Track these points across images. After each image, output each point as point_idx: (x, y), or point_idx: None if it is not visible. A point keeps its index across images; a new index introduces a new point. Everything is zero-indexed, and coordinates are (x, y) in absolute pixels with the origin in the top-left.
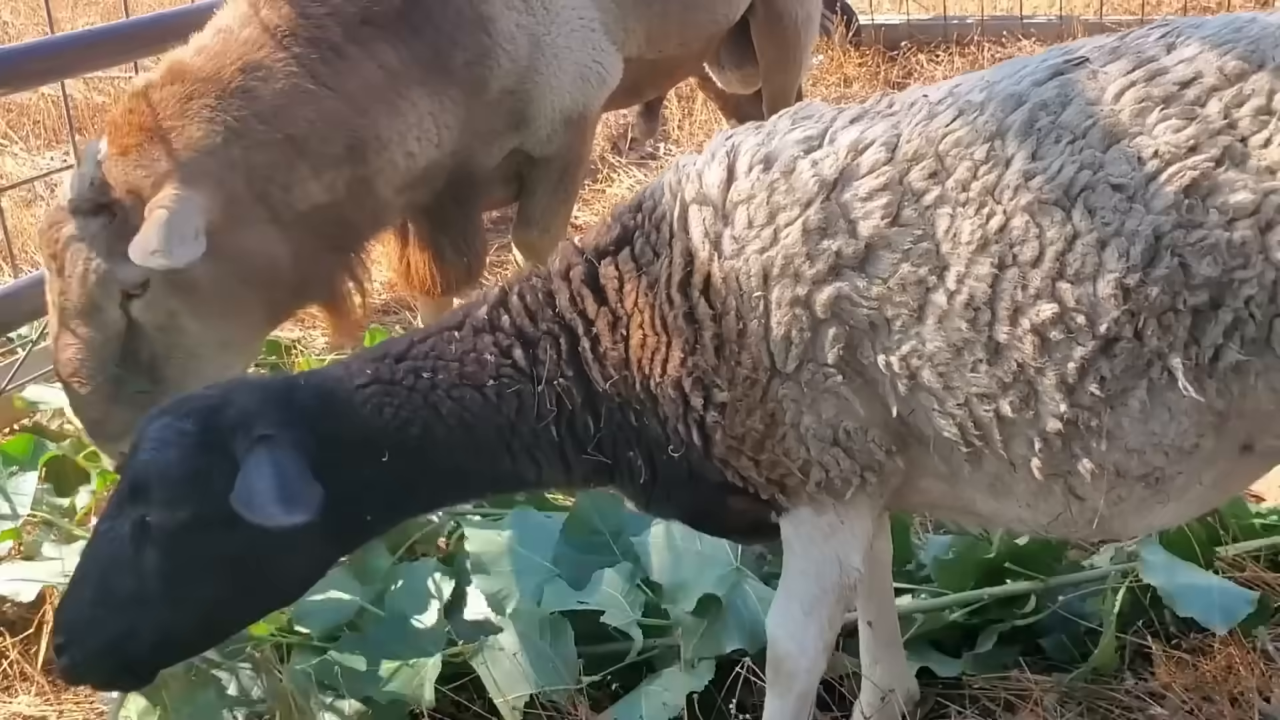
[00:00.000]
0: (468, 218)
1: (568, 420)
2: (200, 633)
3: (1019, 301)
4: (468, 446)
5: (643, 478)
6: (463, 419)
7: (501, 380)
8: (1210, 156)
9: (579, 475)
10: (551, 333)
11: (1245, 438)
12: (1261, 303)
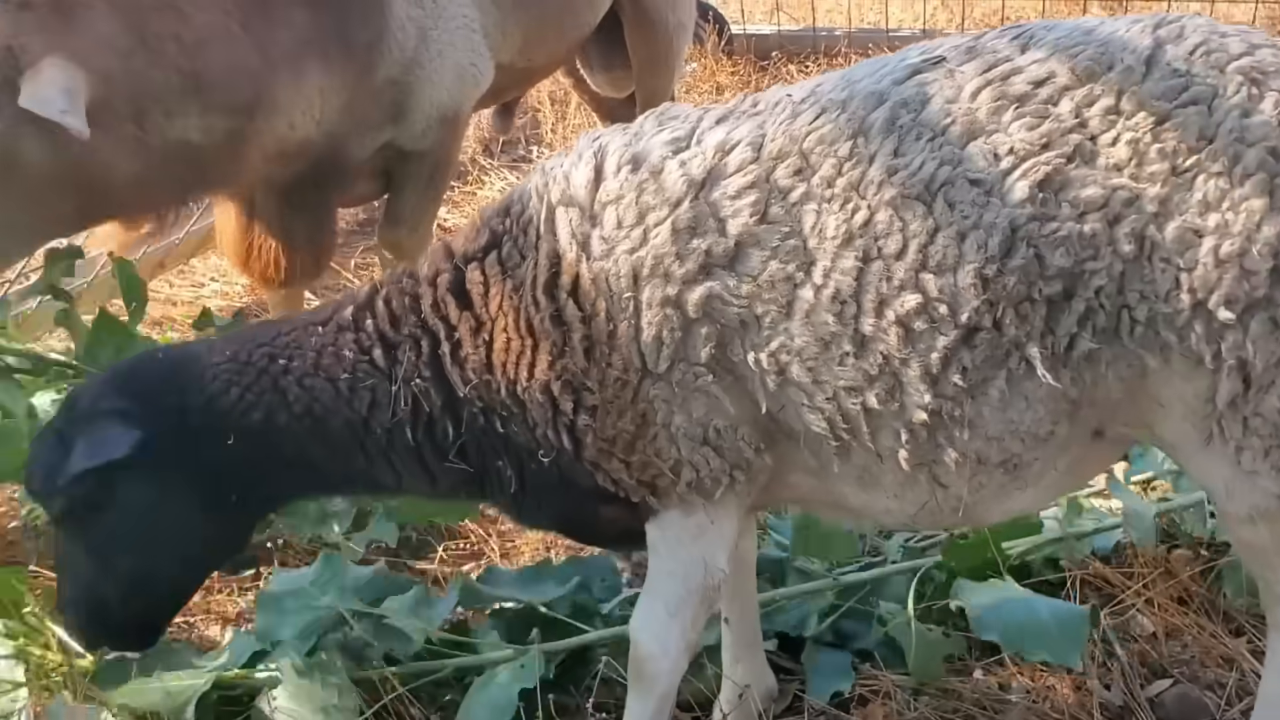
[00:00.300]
0: (324, 206)
1: (425, 424)
2: (157, 598)
3: (884, 294)
4: (316, 438)
5: (513, 487)
6: (310, 409)
7: (356, 375)
8: (1062, 153)
9: (445, 484)
10: (413, 336)
11: (1097, 424)
12: (1110, 293)
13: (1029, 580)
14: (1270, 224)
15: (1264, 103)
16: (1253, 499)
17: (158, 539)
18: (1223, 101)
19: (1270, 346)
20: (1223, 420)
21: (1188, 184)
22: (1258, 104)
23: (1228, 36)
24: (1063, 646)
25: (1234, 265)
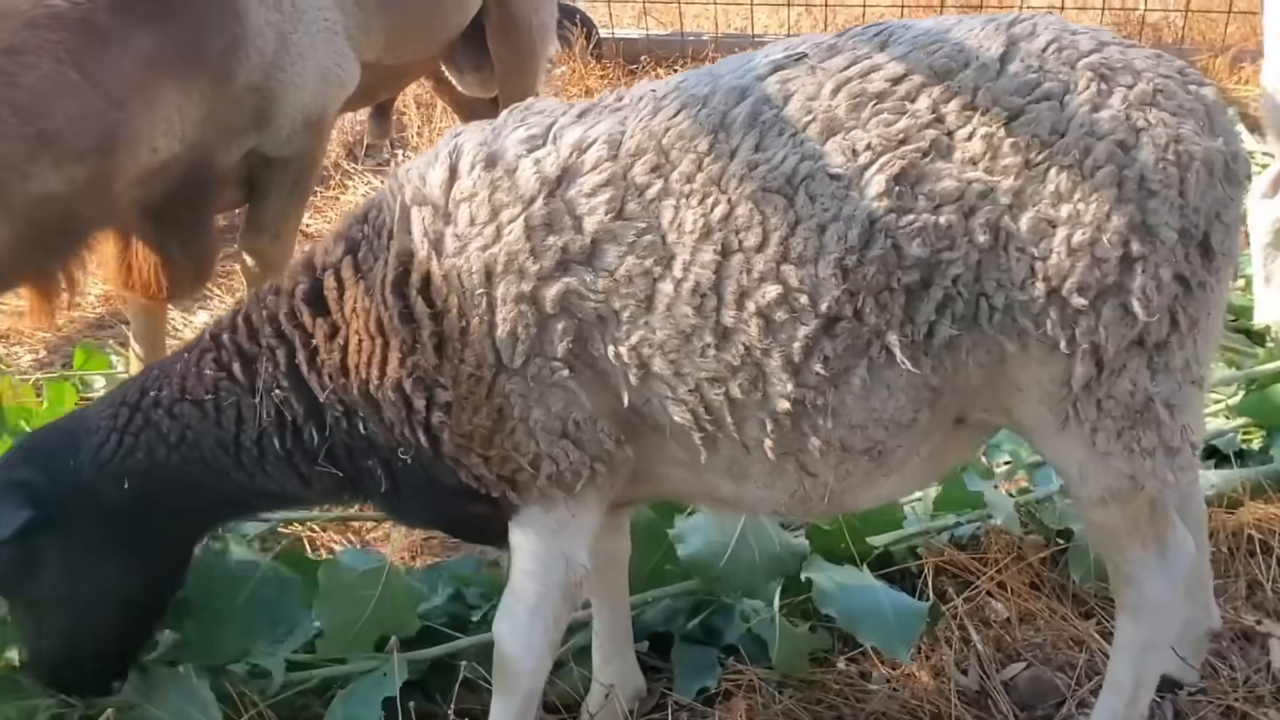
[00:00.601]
0: (199, 219)
1: (292, 432)
2: (109, 643)
3: (744, 285)
4: (197, 463)
5: (384, 487)
6: (184, 436)
7: (219, 394)
8: (918, 148)
9: (320, 489)
10: (270, 347)
11: (958, 411)
12: (968, 282)
13: (890, 568)
14: (1119, 214)
15: (1112, 98)
16: (1106, 480)
17: (93, 590)
18: (1073, 97)
19: (1121, 331)
20: (1078, 403)
21: (1040, 176)
22: (1106, 99)
23: (1078, 34)
24: (896, 637)
25: (1086, 254)
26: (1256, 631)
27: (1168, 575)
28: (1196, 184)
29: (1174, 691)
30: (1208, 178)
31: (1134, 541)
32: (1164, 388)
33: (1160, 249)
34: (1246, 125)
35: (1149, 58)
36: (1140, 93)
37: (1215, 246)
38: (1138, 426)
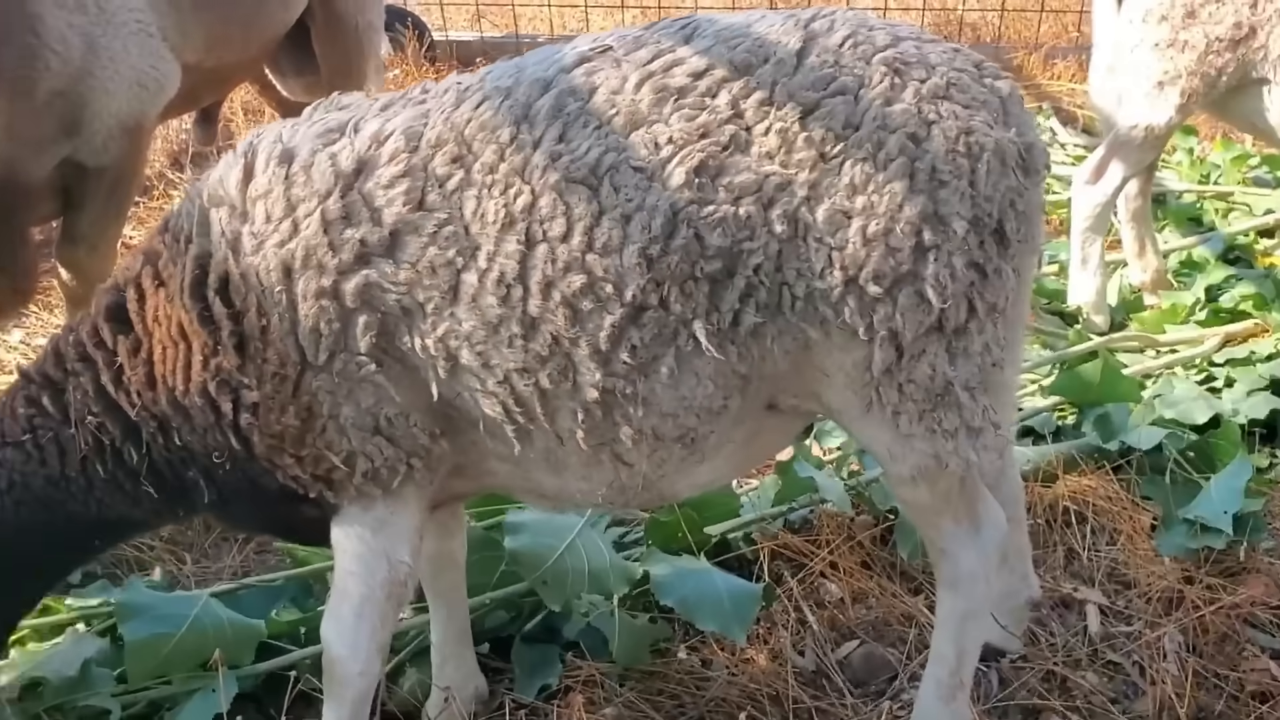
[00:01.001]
0: (14, 234)
1: (112, 454)
2: None
3: (549, 275)
4: (33, 504)
5: (208, 497)
6: (13, 481)
7: (36, 431)
8: (717, 142)
9: (151, 508)
10: (75, 373)
11: (769, 397)
12: (769, 271)
13: (727, 555)
14: (911, 204)
15: (905, 92)
16: (912, 460)
17: None
18: (868, 91)
19: (918, 318)
20: (880, 388)
21: (836, 169)
22: (900, 93)
23: (875, 30)
24: (732, 621)
25: (880, 243)
26: (1074, 598)
27: (980, 548)
28: (988, 174)
29: (998, 659)
30: (1000, 168)
31: (946, 517)
32: (963, 371)
33: (952, 238)
34: (1060, 119)
35: (945, 52)
36: (933, 86)
37: (1010, 234)
38: (939, 409)
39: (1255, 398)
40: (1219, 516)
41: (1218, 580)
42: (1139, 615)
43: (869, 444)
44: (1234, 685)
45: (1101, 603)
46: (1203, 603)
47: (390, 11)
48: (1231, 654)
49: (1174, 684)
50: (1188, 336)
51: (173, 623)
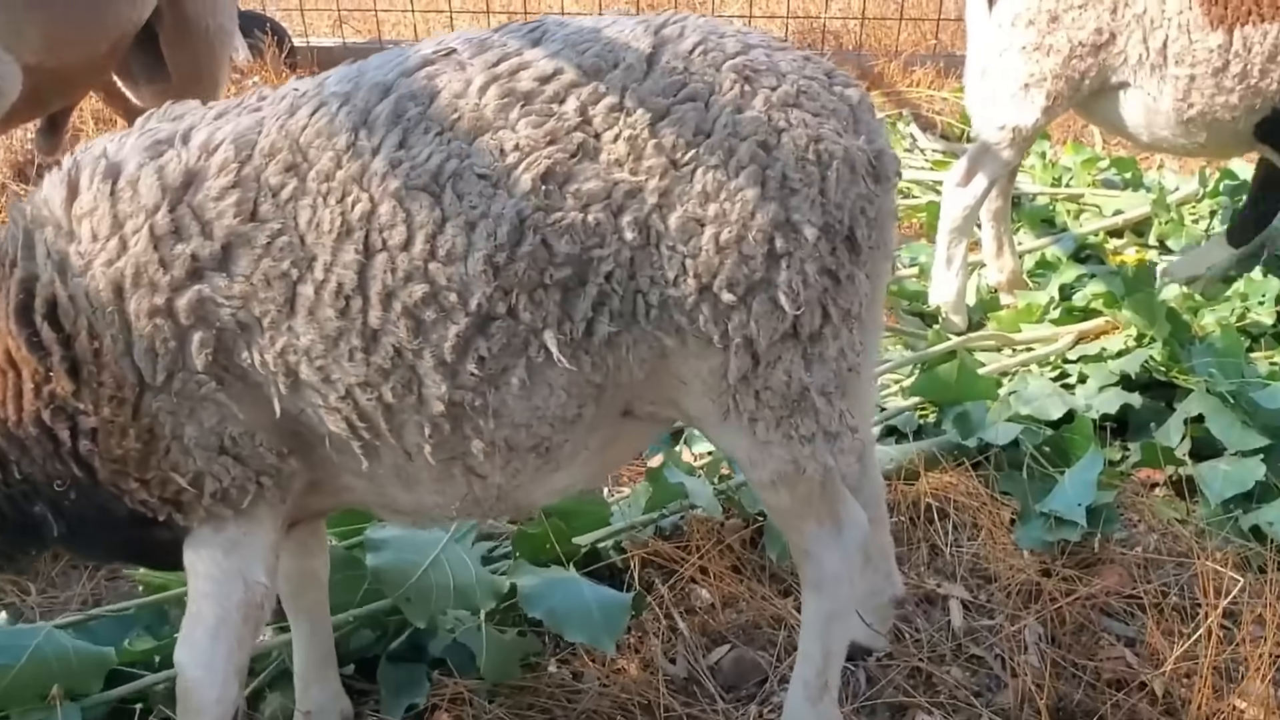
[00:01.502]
0: None
1: None
2: None
3: (390, 285)
4: None
5: (58, 529)
6: None
7: None
8: (565, 148)
9: (4, 542)
10: None
11: (624, 404)
12: (622, 279)
13: (597, 564)
14: (763, 212)
15: (755, 99)
16: (771, 466)
17: None
18: (718, 98)
19: (772, 324)
20: (736, 395)
21: (688, 176)
22: (750, 100)
23: (725, 36)
24: (602, 631)
25: (733, 251)
26: (938, 594)
27: (843, 549)
28: (838, 181)
29: (864, 658)
30: (850, 175)
31: (808, 520)
32: (819, 377)
33: (804, 244)
34: (919, 125)
35: (795, 60)
36: (783, 94)
37: (861, 241)
38: (796, 415)
39: (1107, 393)
40: (1073, 509)
41: (1074, 572)
42: (1000, 608)
43: (729, 451)
44: (1091, 674)
45: (964, 598)
46: (1060, 594)
47: (248, 17)
48: (1088, 643)
49: (1034, 675)
50: (1042, 335)
51: (10, 654)
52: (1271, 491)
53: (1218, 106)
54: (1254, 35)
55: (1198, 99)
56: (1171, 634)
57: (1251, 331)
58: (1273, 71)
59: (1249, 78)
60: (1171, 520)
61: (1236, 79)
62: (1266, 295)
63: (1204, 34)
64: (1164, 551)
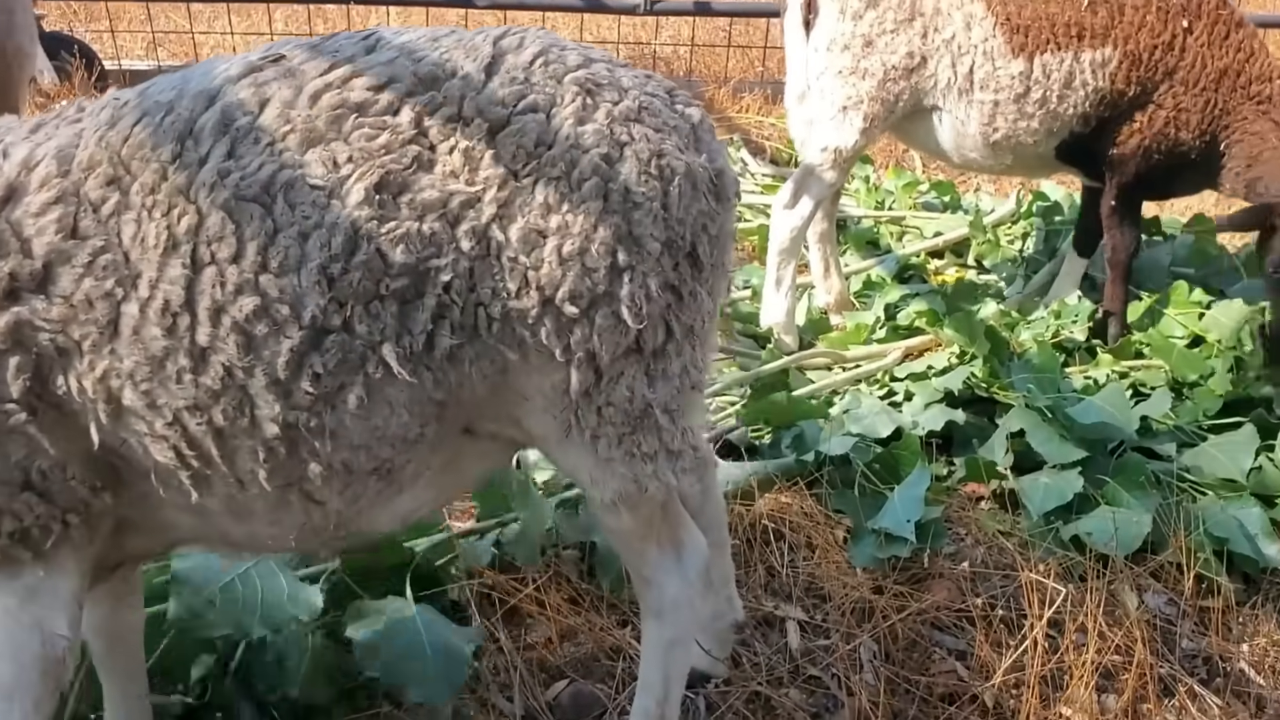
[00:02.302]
0: None
1: None
2: None
3: (219, 300)
4: None
5: None
6: None
7: None
8: (399, 159)
9: None
10: None
11: (466, 422)
12: (462, 290)
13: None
14: (605, 225)
15: (598, 113)
16: (613, 485)
17: None
18: (560, 110)
19: (615, 339)
20: (579, 411)
21: (529, 188)
22: (592, 113)
23: (566, 49)
24: (440, 684)
25: (576, 263)
26: (775, 616)
27: (684, 574)
28: (680, 197)
29: (704, 685)
30: (691, 191)
31: (649, 543)
32: (662, 393)
33: (647, 259)
34: (750, 150)
35: (636, 76)
36: (625, 109)
37: (703, 258)
38: (638, 432)
39: (932, 409)
40: (903, 525)
41: (906, 588)
42: (836, 628)
43: (571, 470)
44: (925, 689)
45: (801, 619)
46: (893, 611)
47: (55, 38)
48: (921, 659)
49: (870, 693)
50: (870, 353)
51: None
52: (1089, 502)
53: (1021, 130)
54: (1052, 62)
55: (1002, 123)
56: (1000, 646)
57: (1066, 346)
58: (1069, 97)
59: (1048, 103)
60: (997, 533)
61: (1037, 104)
62: (1079, 314)
63: (1007, 61)
64: (991, 564)
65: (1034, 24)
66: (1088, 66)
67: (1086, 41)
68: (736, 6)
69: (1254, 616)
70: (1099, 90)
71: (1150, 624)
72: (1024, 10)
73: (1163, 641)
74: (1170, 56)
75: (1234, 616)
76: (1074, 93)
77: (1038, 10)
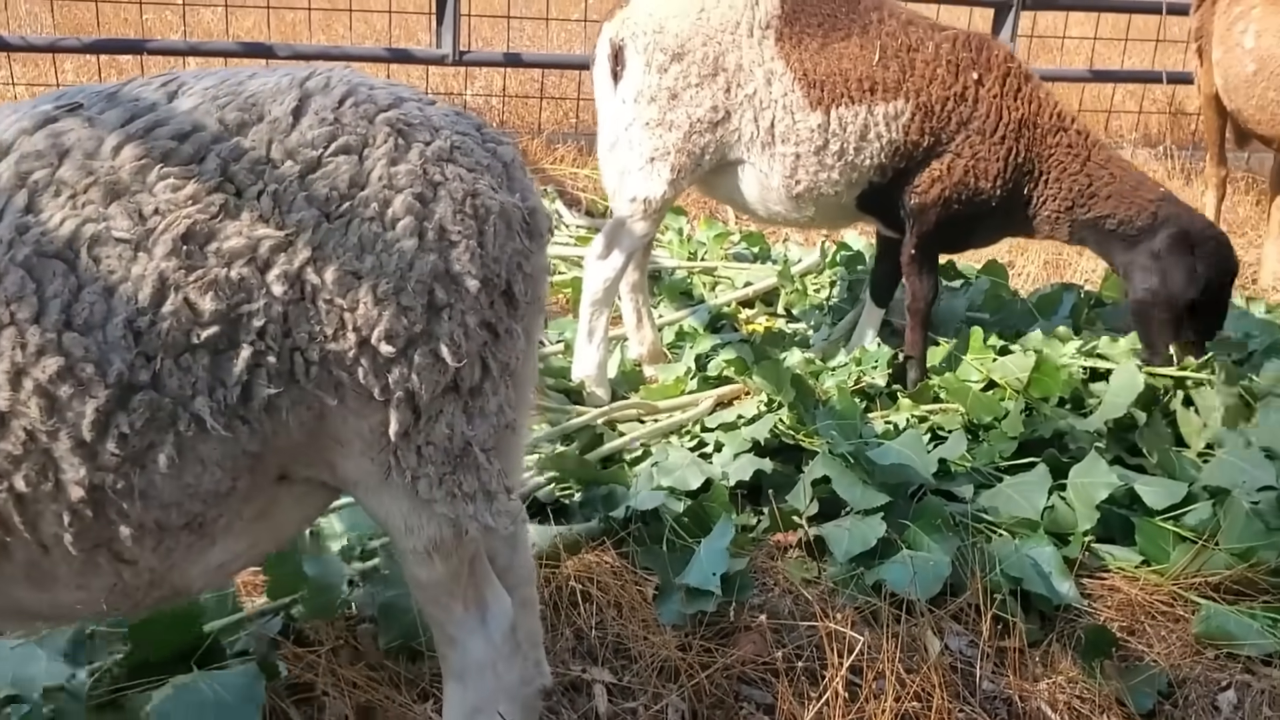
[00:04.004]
0: None
1: None
2: None
3: (20, 362)
4: None
5: None
6: None
7: None
8: (206, 208)
9: None
10: None
11: (280, 470)
12: (277, 336)
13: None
14: (421, 263)
15: (410, 152)
16: (430, 531)
17: None
18: (372, 150)
19: (434, 378)
20: (398, 452)
21: (343, 229)
22: (405, 154)
23: (375, 89)
24: None
25: (392, 303)
26: (583, 680)
27: (488, 636)
28: (495, 235)
29: None
30: (506, 230)
31: (456, 600)
32: (480, 432)
33: (465, 297)
34: (564, 201)
35: (447, 115)
36: (438, 149)
37: (519, 296)
38: (458, 471)
39: (741, 459)
40: (708, 579)
41: (712, 643)
42: (644, 688)
43: (386, 517)
44: None
45: (608, 681)
46: (699, 667)
47: None
48: (728, 715)
49: None
50: (681, 404)
51: None
52: (893, 547)
53: (821, 182)
54: (848, 115)
55: (804, 175)
56: (804, 698)
57: (868, 392)
58: (865, 148)
59: (846, 154)
60: (803, 582)
61: (836, 156)
62: (880, 360)
63: (806, 114)
64: (796, 615)
65: (829, 79)
66: (881, 119)
67: (879, 95)
68: (547, 58)
69: (1050, 655)
70: (893, 141)
71: (952, 667)
72: (819, 66)
73: (964, 684)
74: (964, 107)
75: (1032, 656)
76: (869, 144)
77: (832, 66)
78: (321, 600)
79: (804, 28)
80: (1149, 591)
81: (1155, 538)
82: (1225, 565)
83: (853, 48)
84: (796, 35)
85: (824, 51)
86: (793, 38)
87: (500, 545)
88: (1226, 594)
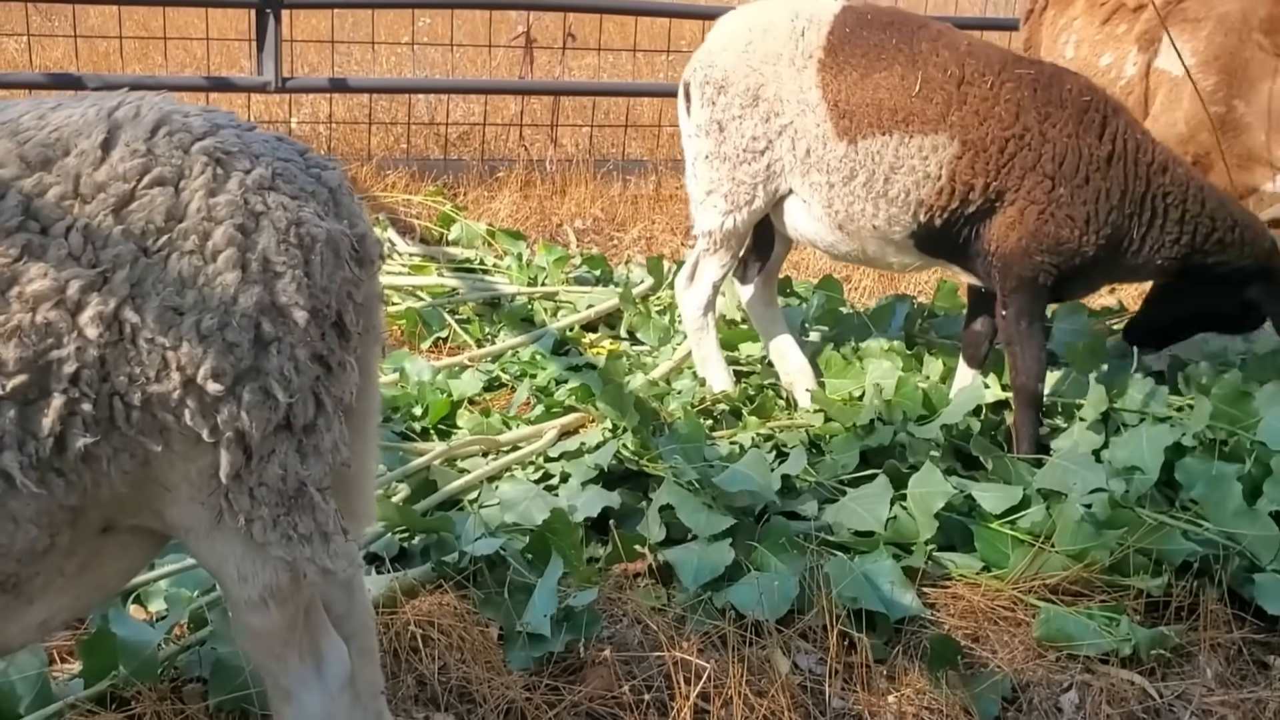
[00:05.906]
0: None
1: None
2: None
3: None
4: None
5: None
6: None
7: None
8: (7, 251)
9: None
10: None
11: (103, 522)
12: (93, 381)
13: None
14: (246, 296)
15: (230, 182)
16: (265, 577)
17: None
18: (189, 182)
19: (265, 415)
20: (230, 494)
21: (161, 263)
22: (224, 183)
23: (190, 116)
24: None
25: (217, 339)
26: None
27: (325, 687)
28: (322, 265)
29: None
30: (334, 259)
31: (290, 651)
32: (315, 470)
33: (294, 329)
34: (397, 229)
35: (268, 141)
36: (259, 177)
37: (350, 326)
38: (293, 512)
39: (588, 491)
40: (542, 622)
41: (560, 681)
42: None
43: (218, 565)
44: None
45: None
46: (547, 705)
47: None
48: None
49: None
50: (524, 435)
51: None
52: (742, 570)
53: (858, 214)
54: (874, 146)
55: (840, 206)
56: None
57: (712, 413)
58: (897, 181)
59: (874, 185)
60: (652, 610)
61: (863, 186)
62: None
63: (834, 144)
64: (646, 646)
65: (860, 109)
66: (915, 151)
67: (915, 126)
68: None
69: (897, 667)
70: (931, 177)
71: (802, 686)
72: (854, 96)
73: (814, 703)
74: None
75: (879, 670)
76: (902, 177)
77: (867, 96)
78: (141, 662)
79: (847, 58)
80: (990, 597)
81: (994, 542)
82: (1062, 566)
83: (893, 78)
84: (839, 65)
85: (863, 82)
86: (834, 67)
87: (337, 592)
88: (1064, 595)
